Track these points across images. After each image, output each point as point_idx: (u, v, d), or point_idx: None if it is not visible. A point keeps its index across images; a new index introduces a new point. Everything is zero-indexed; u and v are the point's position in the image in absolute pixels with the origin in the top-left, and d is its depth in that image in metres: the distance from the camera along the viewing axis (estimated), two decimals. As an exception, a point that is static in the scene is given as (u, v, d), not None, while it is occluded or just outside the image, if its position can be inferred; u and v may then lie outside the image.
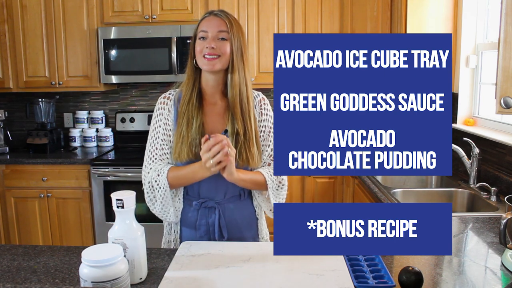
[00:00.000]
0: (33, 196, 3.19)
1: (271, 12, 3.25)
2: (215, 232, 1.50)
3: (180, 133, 1.47)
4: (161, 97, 1.56)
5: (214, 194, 1.52)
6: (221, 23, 1.46)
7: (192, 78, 1.51)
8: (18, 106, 3.80)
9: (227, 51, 1.45)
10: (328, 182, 3.09)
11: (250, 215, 1.58)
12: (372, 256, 1.31)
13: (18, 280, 1.20)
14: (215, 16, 1.47)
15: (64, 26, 3.32)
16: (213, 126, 1.50)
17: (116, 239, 1.16)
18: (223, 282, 1.15)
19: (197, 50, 1.46)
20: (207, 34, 1.45)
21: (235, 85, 1.47)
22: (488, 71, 2.61)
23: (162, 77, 3.26)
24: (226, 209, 1.52)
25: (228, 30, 1.45)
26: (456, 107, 2.76)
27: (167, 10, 3.27)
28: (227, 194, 1.53)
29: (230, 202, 1.53)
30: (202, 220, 1.51)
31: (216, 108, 1.53)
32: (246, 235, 1.56)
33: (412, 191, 2.30)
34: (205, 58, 1.44)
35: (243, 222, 1.56)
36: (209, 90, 1.53)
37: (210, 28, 1.45)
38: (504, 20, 1.32)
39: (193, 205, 1.52)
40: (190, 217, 1.53)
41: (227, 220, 1.52)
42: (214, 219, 1.50)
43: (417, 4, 2.71)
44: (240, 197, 1.55)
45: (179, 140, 1.47)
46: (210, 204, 1.51)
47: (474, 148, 2.25)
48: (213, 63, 1.44)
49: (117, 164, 3.12)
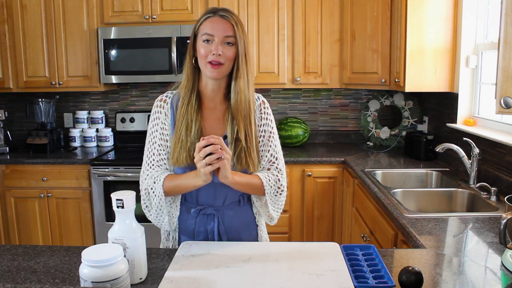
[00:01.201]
0: (33, 196, 3.19)
1: (271, 12, 3.25)
2: (214, 239, 1.48)
3: (178, 137, 1.43)
4: (158, 100, 1.52)
5: (213, 201, 1.49)
6: (227, 26, 1.40)
7: (191, 79, 1.47)
8: (18, 106, 3.80)
9: (232, 56, 1.41)
10: (328, 182, 3.09)
11: (249, 222, 1.56)
12: (372, 256, 1.31)
13: (18, 280, 1.20)
14: (221, 18, 1.42)
15: (64, 26, 3.32)
16: (212, 131, 1.45)
17: (116, 239, 1.16)
18: (223, 282, 1.15)
19: (200, 53, 1.41)
20: (212, 37, 1.40)
21: (240, 91, 1.43)
22: (488, 71, 2.61)
23: (162, 77, 3.26)
24: (225, 215, 1.50)
25: (235, 34, 1.40)
26: (456, 107, 2.76)
27: (167, 10, 3.26)
28: (226, 200, 1.50)
29: (229, 209, 1.51)
30: (201, 228, 1.49)
31: (215, 112, 1.49)
32: (246, 241, 1.53)
33: (412, 191, 2.30)
34: (209, 64, 1.39)
35: (242, 228, 1.53)
36: (208, 93, 1.49)
37: (216, 32, 1.39)
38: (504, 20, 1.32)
39: (191, 212, 1.49)
40: (189, 225, 1.50)
41: (226, 227, 1.49)
42: (213, 226, 1.48)
43: (417, 4, 2.71)
44: (239, 203, 1.52)
45: (177, 145, 1.43)
46: (209, 211, 1.48)
47: (474, 148, 2.25)
48: (218, 71, 1.40)
49: (117, 164, 3.12)
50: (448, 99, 2.89)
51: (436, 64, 2.77)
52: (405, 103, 3.50)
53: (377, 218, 2.16)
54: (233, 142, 1.43)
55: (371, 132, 3.57)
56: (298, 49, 3.29)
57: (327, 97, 3.69)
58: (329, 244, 1.40)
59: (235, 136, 1.43)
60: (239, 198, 1.52)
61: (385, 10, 2.98)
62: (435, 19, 2.73)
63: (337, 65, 3.31)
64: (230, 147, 1.42)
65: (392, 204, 1.97)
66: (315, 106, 3.70)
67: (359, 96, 3.67)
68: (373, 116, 3.57)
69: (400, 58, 2.81)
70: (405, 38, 2.74)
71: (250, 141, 1.44)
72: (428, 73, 2.78)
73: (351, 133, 3.65)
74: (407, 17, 2.72)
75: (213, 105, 1.50)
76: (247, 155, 1.43)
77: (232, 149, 1.41)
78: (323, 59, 3.30)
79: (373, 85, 3.17)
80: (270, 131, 1.53)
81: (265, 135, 1.52)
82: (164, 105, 1.50)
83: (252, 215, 1.57)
